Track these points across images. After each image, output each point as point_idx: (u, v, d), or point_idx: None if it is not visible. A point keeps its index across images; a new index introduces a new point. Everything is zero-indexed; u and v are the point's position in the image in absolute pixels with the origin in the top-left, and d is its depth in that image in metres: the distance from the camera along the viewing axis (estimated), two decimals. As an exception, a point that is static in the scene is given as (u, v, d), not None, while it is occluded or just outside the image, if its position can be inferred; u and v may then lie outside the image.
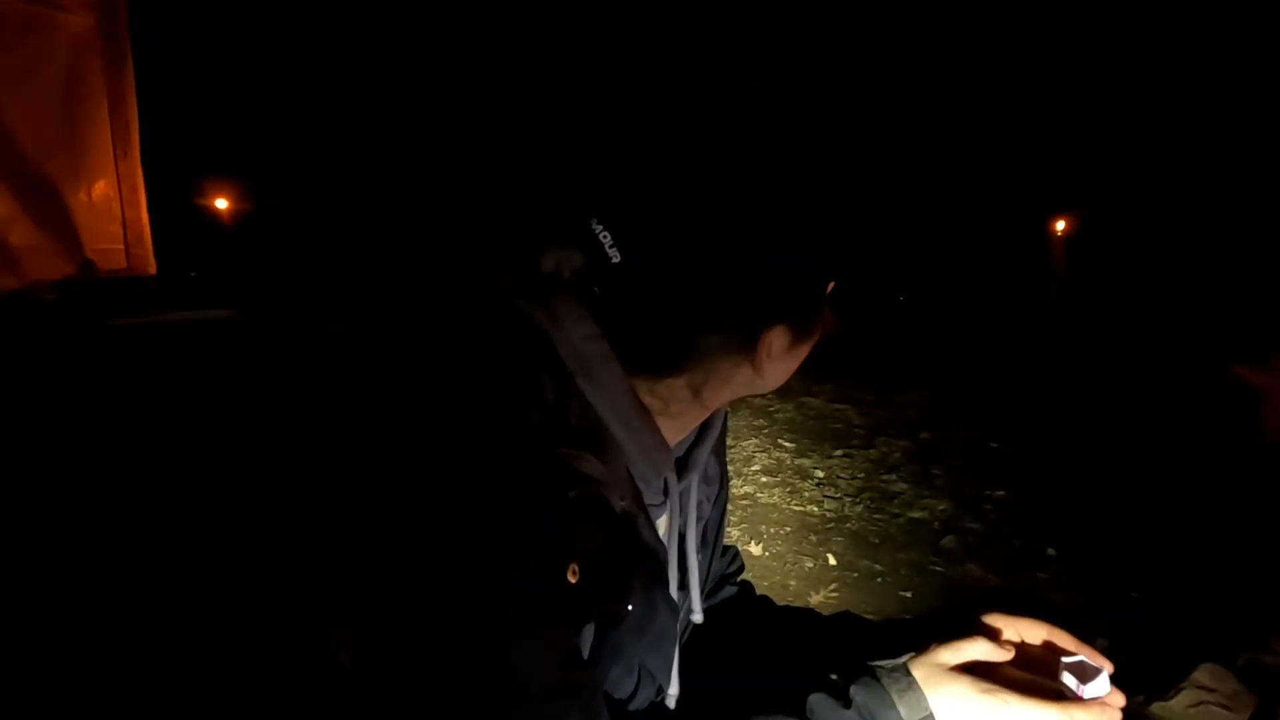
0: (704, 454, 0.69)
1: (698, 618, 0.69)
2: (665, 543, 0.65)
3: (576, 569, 0.49)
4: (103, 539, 0.61)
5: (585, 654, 0.53)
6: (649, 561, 0.61)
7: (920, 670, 0.58)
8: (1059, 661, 0.62)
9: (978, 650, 0.60)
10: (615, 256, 0.56)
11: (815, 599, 2.45)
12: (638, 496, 0.60)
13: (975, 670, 0.59)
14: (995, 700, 0.56)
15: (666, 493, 0.64)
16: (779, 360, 0.60)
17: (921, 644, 0.62)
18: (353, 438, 0.52)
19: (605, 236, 0.56)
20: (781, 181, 0.58)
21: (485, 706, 0.46)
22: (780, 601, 0.85)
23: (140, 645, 0.54)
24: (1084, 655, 0.62)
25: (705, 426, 0.69)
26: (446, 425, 0.50)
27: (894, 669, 0.59)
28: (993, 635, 0.63)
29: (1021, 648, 0.63)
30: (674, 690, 0.66)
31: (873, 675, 0.58)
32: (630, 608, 0.56)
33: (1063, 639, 0.64)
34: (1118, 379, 5.21)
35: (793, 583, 2.54)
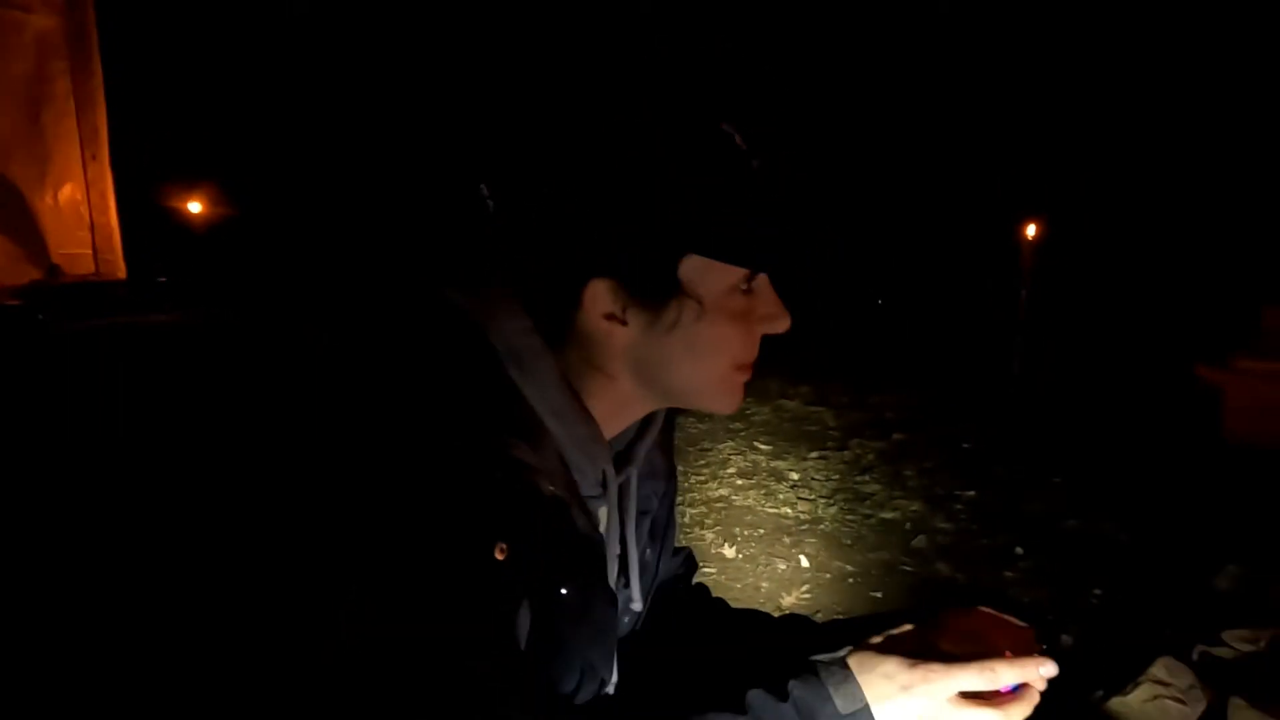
0: (644, 448, 0.70)
1: (637, 606, 0.71)
2: (605, 535, 0.66)
3: (504, 547, 0.51)
4: (77, 543, 0.61)
5: (522, 643, 0.54)
6: (585, 551, 0.62)
7: (855, 660, 0.60)
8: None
9: (910, 636, 0.63)
10: (491, 207, 0.60)
11: (788, 600, 2.47)
12: (571, 486, 0.61)
13: (908, 652, 0.61)
14: (921, 672, 0.58)
15: (605, 485, 0.65)
16: (644, 330, 0.60)
17: (863, 638, 0.64)
18: (292, 441, 0.54)
19: (485, 190, 0.61)
20: (631, 141, 0.59)
21: (419, 692, 0.47)
22: (753, 604, 0.87)
23: (129, 649, 0.55)
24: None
25: (648, 421, 0.70)
26: (378, 422, 0.53)
27: (832, 662, 0.60)
28: (927, 621, 0.66)
29: (954, 628, 0.66)
30: (614, 680, 0.68)
31: (811, 670, 0.60)
32: (565, 592, 0.58)
33: (991, 617, 0.66)
34: (1085, 380, 5.31)
35: (765, 584, 2.56)
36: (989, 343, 6.09)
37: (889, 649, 0.61)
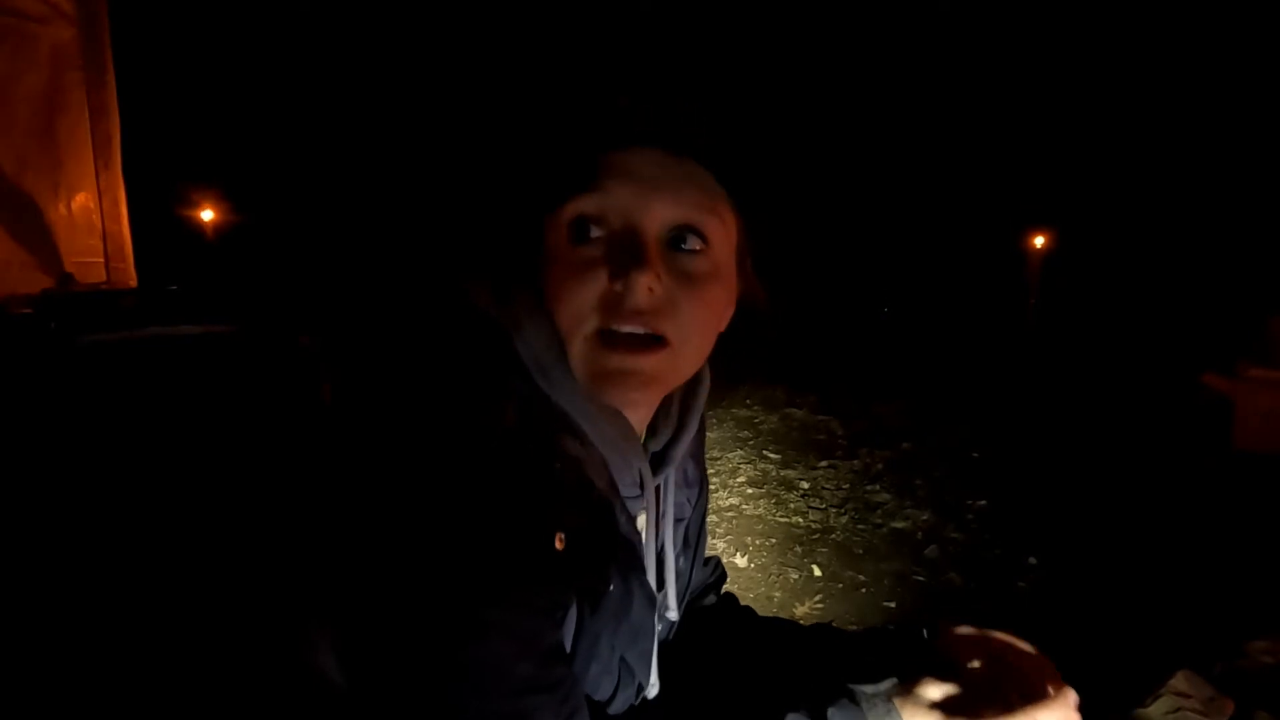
0: (679, 451, 0.68)
1: (673, 615, 0.70)
2: (643, 535, 0.66)
3: (563, 537, 0.50)
4: (74, 548, 0.61)
5: (568, 642, 0.54)
6: (626, 550, 0.61)
7: (899, 700, 0.59)
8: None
9: (953, 685, 0.61)
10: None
11: (800, 610, 2.45)
12: (613, 485, 0.61)
13: (954, 705, 0.59)
14: None
15: (643, 487, 0.65)
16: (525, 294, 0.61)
17: (902, 665, 0.63)
18: (342, 444, 0.54)
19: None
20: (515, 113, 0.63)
21: (465, 689, 0.47)
22: (765, 614, 0.86)
23: (128, 651, 0.55)
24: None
25: (682, 426, 0.69)
26: (434, 424, 0.52)
27: (875, 694, 0.59)
28: (963, 653, 0.64)
29: (987, 660, 0.64)
30: (654, 684, 0.67)
31: (852, 699, 0.58)
32: (612, 589, 0.57)
33: (1020, 647, 0.65)
34: (1093, 389, 5.29)
35: (778, 594, 2.54)
36: (997, 351, 6.08)
37: (933, 702, 0.59)
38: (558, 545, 0.50)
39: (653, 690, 0.67)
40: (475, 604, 0.48)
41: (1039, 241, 6.36)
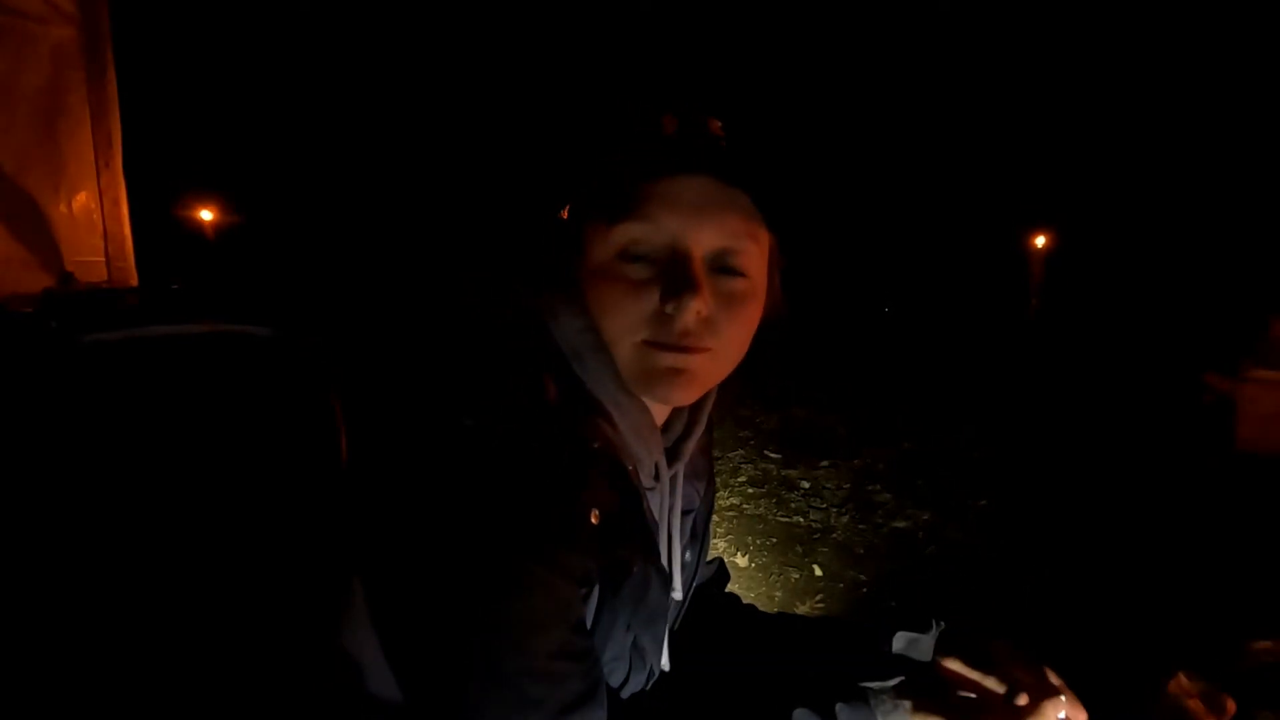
0: (691, 445, 0.72)
1: (678, 595, 0.72)
2: (658, 521, 0.69)
3: (598, 514, 0.54)
4: (80, 548, 0.61)
5: (589, 620, 0.56)
6: (645, 534, 0.64)
7: (912, 701, 0.59)
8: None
9: (953, 682, 0.62)
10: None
11: (801, 610, 2.46)
12: (635, 472, 0.64)
13: (954, 706, 0.60)
14: None
15: (658, 477, 0.67)
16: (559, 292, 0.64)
17: (909, 664, 0.63)
18: (382, 433, 0.56)
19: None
20: (553, 124, 0.65)
21: (506, 643, 0.49)
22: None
23: (141, 650, 0.55)
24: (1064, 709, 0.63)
25: (693, 424, 0.72)
26: (482, 392, 0.55)
27: (882, 691, 0.60)
28: (975, 662, 0.65)
29: (1000, 671, 0.65)
30: (665, 663, 0.70)
31: (860, 695, 0.60)
32: (635, 570, 0.60)
33: (1050, 677, 0.65)
34: (1095, 389, 5.29)
35: (779, 594, 2.55)
36: (998, 351, 6.09)
37: (939, 701, 0.60)
38: (593, 520, 0.53)
39: (664, 663, 0.69)
40: (520, 558, 0.49)
41: (1039, 241, 6.36)
